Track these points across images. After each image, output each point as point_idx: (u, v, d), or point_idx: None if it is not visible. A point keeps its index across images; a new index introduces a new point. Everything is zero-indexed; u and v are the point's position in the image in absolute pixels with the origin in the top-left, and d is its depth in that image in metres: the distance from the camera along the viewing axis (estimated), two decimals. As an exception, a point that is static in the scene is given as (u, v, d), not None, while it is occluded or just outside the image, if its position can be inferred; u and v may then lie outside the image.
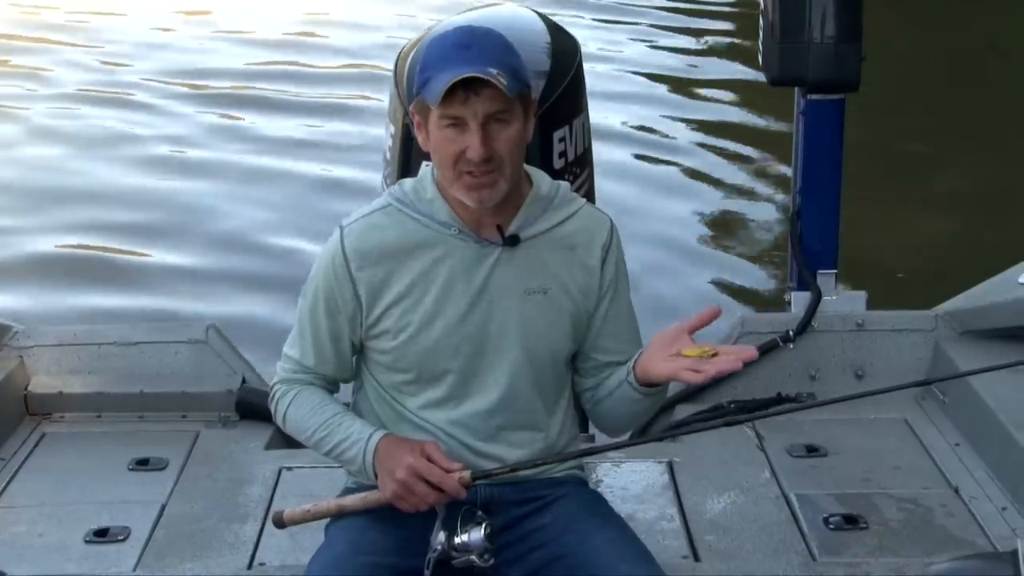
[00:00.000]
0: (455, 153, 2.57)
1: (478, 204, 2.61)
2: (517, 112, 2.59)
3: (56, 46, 11.14)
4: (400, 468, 2.61)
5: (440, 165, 2.63)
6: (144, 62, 10.70)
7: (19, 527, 3.47)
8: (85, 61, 10.79)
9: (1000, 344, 4.01)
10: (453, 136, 2.56)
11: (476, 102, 2.53)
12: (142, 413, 4.05)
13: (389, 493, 2.62)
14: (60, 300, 6.54)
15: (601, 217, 2.81)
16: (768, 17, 4.21)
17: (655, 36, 11.33)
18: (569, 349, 2.79)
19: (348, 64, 10.53)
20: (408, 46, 3.75)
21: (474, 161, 2.55)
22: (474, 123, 2.54)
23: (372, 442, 2.67)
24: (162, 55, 10.93)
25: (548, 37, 3.64)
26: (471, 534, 2.59)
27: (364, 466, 2.67)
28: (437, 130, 2.58)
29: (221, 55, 10.93)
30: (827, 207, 4.32)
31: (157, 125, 9.26)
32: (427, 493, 2.59)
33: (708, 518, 3.45)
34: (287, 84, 10.04)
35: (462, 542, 2.59)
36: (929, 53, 10.46)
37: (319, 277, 2.74)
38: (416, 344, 2.69)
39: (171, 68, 10.56)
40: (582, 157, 3.68)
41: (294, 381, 2.80)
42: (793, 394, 4.07)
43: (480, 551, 2.59)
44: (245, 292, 6.65)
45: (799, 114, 4.34)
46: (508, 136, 2.58)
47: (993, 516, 3.43)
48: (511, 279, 2.69)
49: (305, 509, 2.76)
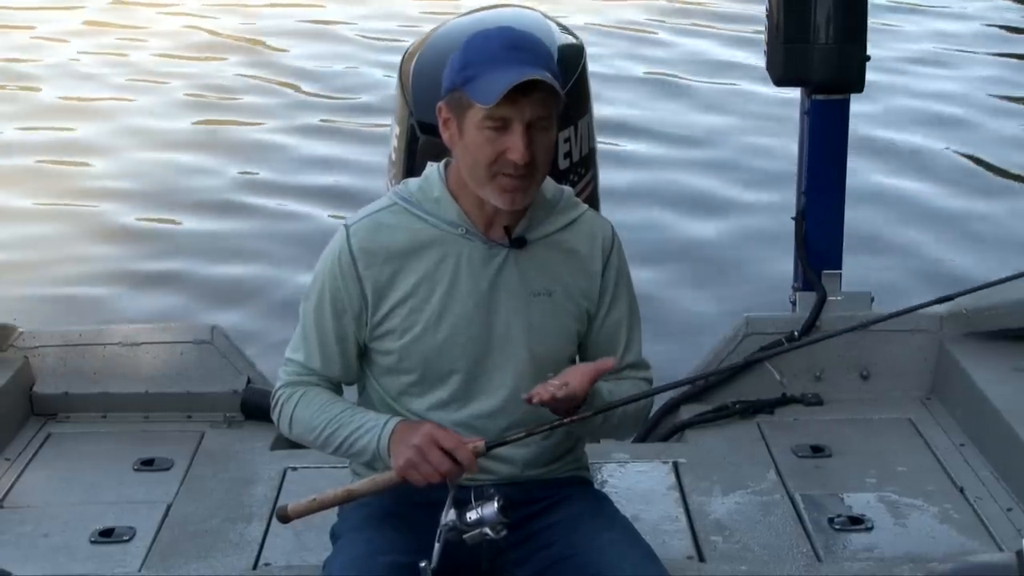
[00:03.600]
0: (494, 154, 2.56)
1: (509, 207, 2.61)
2: (554, 119, 2.60)
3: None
4: (417, 435, 2.57)
5: (473, 165, 2.60)
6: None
7: (24, 527, 3.47)
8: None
9: (1006, 345, 4.01)
10: (494, 137, 2.55)
11: (525, 105, 2.52)
12: (147, 413, 4.05)
13: (402, 461, 2.56)
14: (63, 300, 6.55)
15: (603, 223, 2.82)
16: (773, 18, 4.22)
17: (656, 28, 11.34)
18: (572, 352, 2.79)
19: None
20: (413, 46, 3.76)
21: (516, 164, 2.55)
22: (519, 126, 2.53)
23: (389, 426, 2.64)
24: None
25: (554, 37, 3.64)
26: (484, 508, 2.54)
27: (378, 450, 2.62)
28: (477, 130, 2.56)
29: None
30: (832, 207, 4.32)
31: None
32: (440, 461, 2.54)
33: (713, 518, 3.45)
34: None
35: (476, 517, 2.54)
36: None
37: (324, 277, 2.72)
38: (422, 344, 2.69)
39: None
40: (587, 158, 3.69)
41: (299, 384, 2.78)
42: (798, 394, 4.07)
43: (494, 524, 2.54)
44: (247, 292, 6.65)
45: (803, 114, 4.35)
46: (547, 142, 2.59)
47: (998, 517, 3.43)
48: (517, 281, 2.70)
49: (311, 499, 2.67)
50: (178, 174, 8.31)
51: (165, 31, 11.46)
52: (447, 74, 2.61)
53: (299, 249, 6.85)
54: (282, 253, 7.08)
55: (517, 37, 2.60)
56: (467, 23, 3.70)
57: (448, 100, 2.61)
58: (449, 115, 2.61)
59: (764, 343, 4.11)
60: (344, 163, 8.37)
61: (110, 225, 7.57)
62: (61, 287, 6.75)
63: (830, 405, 4.06)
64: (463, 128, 2.59)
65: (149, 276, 6.87)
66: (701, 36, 11.06)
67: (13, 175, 8.33)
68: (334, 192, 7.86)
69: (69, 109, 9.63)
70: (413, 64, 3.62)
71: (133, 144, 8.86)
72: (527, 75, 2.49)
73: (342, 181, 8.04)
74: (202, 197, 7.90)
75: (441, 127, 2.65)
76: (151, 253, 7.19)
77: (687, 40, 10.95)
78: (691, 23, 11.43)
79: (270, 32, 11.34)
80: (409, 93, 3.60)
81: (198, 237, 7.38)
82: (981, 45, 10.72)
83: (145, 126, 9.20)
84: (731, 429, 3.95)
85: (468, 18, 3.79)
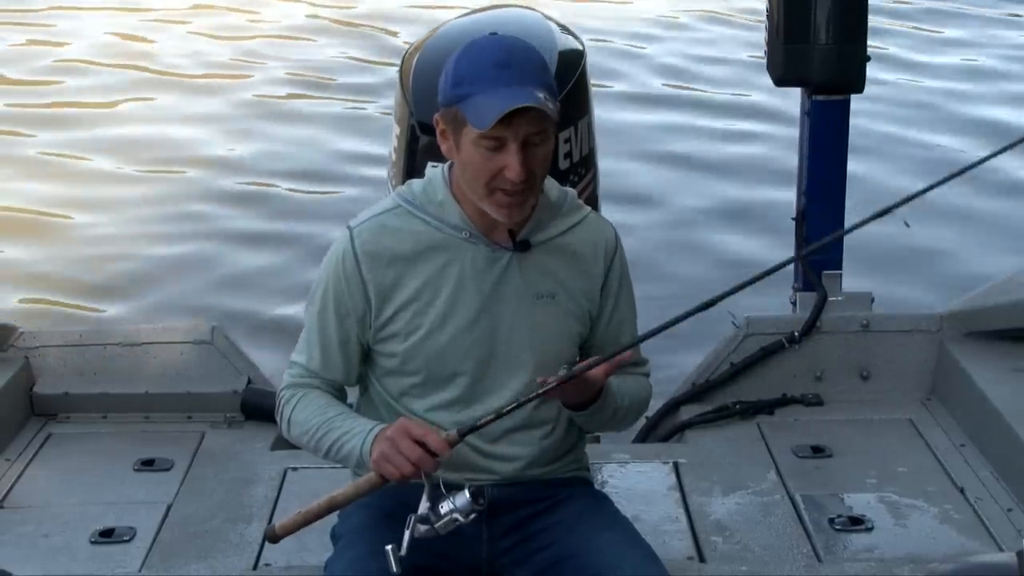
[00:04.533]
0: (491, 172, 2.56)
1: (508, 220, 2.62)
2: (551, 130, 2.59)
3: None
4: (390, 428, 2.56)
5: (472, 181, 2.60)
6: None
7: (25, 528, 3.47)
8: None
9: (1005, 345, 4.01)
10: (490, 156, 2.55)
11: (518, 124, 2.51)
12: (147, 414, 4.05)
13: (376, 455, 2.54)
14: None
15: (606, 226, 2.83)
16: (773, 18, 4.22)
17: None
18: (574, 353, 2.79)
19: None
20: (413, 47, 3.75)
21: (512, 181, 2.55)
22: (514, 144, 2.53)
23: (375, 431, 2.61)
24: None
25: (554, 38, 3.64)
26: (456, 499, 2.53)
27: (362, 454, 2.61)
28: (473, 148, 2.56)
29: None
30: (832, 207, 4.32)
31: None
32: (411, 448, 2.50)
33: (713, 519, 3.45)
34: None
35: (449, 508, 2.52)
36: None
37: (328, 279, 2.72)
38: (426, 347, 2.69)
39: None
40: (587, 158, 3.69)
41: (301, 386, 2.77)
42: (799, 395, 4.07)
43: (466, 512, 2.52)
44: (249, 292, 6.65)
45: (804, 115, 4.35)
46: (543, 155, 2.59)
47: (999, 517, 3.43)
48: (521, 284, 2.70)
49: (296, 513, 2.65)
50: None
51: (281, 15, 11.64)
52: (442, 86, 2.60)
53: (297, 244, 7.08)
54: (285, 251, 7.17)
55: (508, 53, 2.57)
56: (467, 23, 3.70)
57: (444, 114, 2.60)
58: (446, 128, 2.61)
59: (764, 343, 4.11)
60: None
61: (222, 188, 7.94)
62: (177, 244, 7.12)
63: (830, 405, 4.06)
64: (460, 144, 2.59)
65: (151, 276, 6.90)
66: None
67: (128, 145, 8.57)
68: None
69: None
70: (414, 64, 3.62)
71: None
72: (519, 102, 2.48)
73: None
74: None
75: (439, 138, 2.64)
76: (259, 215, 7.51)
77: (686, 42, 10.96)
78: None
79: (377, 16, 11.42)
80: (410, 93, 3.59)
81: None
82: (982, 44, 10.72)
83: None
84: (731, 429, 3.95)
85: (468, 18, 3.78)
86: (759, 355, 4.11)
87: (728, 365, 4.11)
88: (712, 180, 7.98)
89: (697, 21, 11.39)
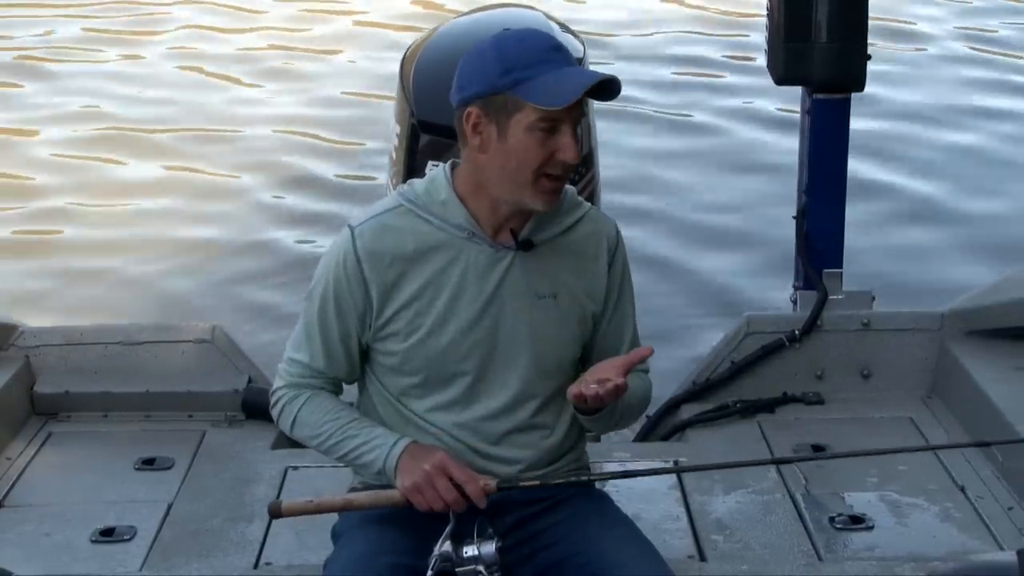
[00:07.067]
0: (545, 156, 2.55)
1: (548, 208, 2.63)
2: None
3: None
4: (430, 461, 2.58)
5: (518, 169, 2.57)
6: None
7: (25, 526, 3.47)
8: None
9: (1006, 344, 4.01)
10: (545, 139, 2.54)
11: (575, 105, 2.53)
12: (148, 413, 4.05)
13: (409, 484, 2.58)
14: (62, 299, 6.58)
15: (607, 222, 2.82)
16: (774, 17, 4.22)
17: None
18: (576, 353, 2.79)
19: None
20: (413, 47, 3.75)
21: (567, 164, 2.56)
22: (569, 126, 2.55)
23: (400, 445, 2.64)
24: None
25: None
26: (482, 546, 2.56)
27: (385, 467, 2.63)
28: (527, 133, 2.54)
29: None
30: (833, 206, 4.32)
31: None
32: (447, 490, 2.56)
33: (714, 518, 3.45)
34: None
35: (472, 555, 2.55)
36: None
37: (328, 278, 2.71)
38: (426, 347, 2.69)
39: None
40: (587, 158, 3.68)
41: (303, 386, 2.76)
42: (799, 394, 4.07)
43: (489, 563, 2.56)
44: (251, 292, 6.65)
45: (805, 113, 4.35)
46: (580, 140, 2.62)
47: (999, 516, 3.43)
48: (523, 284, 2.69)
49: (307, 500, 2.68)
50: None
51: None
52: (478, 78, 2.56)
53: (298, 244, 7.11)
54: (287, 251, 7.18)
55: (554, 38, 2.61)
56: (468, 23, 3.71)
57: (483, 104, 2.56)
58: (483, 119, 2.57)
59: (765, 342, 4.11)
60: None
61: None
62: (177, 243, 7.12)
63: (831, 404, 4.06)
64: (506, 132, 2.56)
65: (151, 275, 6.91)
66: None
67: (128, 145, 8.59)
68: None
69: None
70: (414, 64, 3.62)
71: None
72: (597, 77, 2.51)
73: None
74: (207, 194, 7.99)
75: (469, 132, 2.60)
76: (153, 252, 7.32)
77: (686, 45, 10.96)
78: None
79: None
80: (410, 93, 3.59)
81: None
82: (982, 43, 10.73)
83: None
84: (732, 428, 3.96)
85: (469, 18, 3.79)
86: (760, 354, 4.11)
87: (729, 364, 4.12)
88: (712, 180, 7.98)
89: (698, 21, 11.39)
